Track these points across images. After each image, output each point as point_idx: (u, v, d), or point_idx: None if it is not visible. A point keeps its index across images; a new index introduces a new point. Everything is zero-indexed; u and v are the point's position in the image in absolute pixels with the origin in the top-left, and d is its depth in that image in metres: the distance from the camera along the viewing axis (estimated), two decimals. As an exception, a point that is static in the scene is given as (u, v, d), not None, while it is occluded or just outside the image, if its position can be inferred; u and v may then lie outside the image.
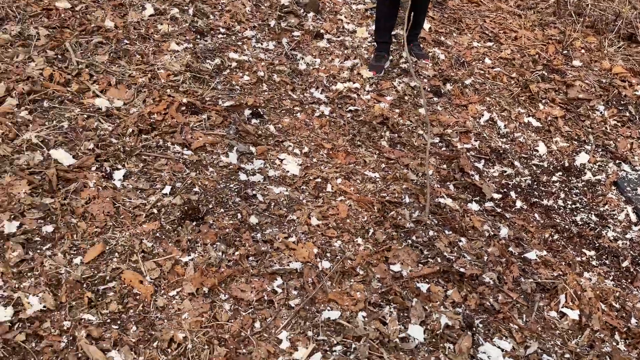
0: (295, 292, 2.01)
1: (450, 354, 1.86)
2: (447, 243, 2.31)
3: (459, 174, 2.82)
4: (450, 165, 2.87)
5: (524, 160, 3.05)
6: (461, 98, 3.53)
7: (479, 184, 2.75)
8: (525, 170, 2.96)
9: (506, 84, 3.74)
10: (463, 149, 3.02)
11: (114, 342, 1.72)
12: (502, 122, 3.35)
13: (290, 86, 3.37)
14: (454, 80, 3.69)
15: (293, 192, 2.51)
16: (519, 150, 3.12)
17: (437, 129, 3.17)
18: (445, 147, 3.05)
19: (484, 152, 3.04)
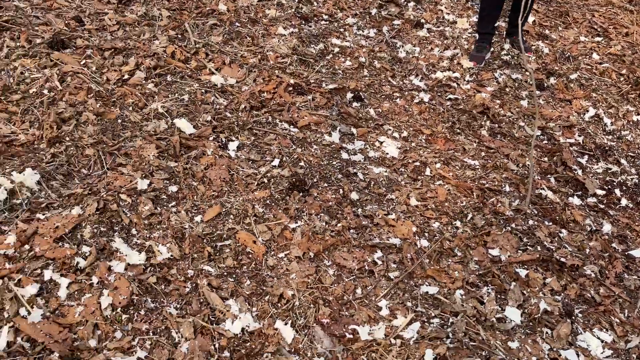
0: (394, 265, 2.11)
1: (548, 338, 1.88)
2: (547, 233, 2.31)
3: (560, 167, 2.78)
4: (552, 159, 2.84)
5: (631, 158, 2.95)
6: (565, 92, 3.45)
7: (581, 178, 2.70)
8: (632, 169, 2.87)
9: (615, 80, 3.61)
10: (566, 144, 2.97)
11: (230, 292, 1.90)
12: (608, 119, 3.25)
13: (390, 72, 3.45)
14: (558, 75, 3.61)
15: (392, 174, 2.60)
16: (626, 149, 3.02)
17: (539, 122, 3.13)
18: (547, 141, 3.01)
19: (588, 147, 2.97)
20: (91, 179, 2.23)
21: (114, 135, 2.48)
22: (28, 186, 2.09)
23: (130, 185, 2.21)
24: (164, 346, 1.69)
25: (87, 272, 1.85)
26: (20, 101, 2.55)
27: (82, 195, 2.13)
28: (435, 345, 1.80)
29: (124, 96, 2.73)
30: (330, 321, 1.85)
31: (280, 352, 1.74)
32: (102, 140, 2.42)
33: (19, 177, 2.09)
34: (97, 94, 2.69)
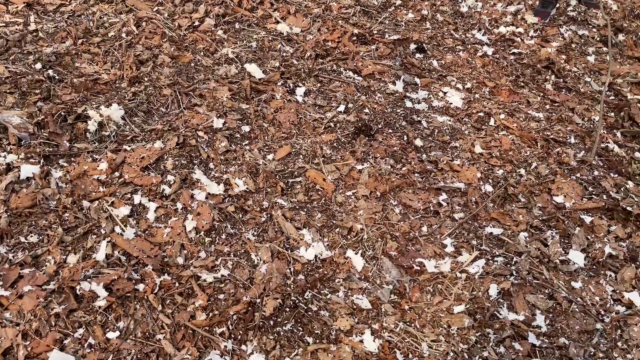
0: (458, 207, 2.17)
1: (612, 281, 1.92)
2: (613, 184, 2.31)
3: (628, 122, 2.74)
4: (619, 114, 2.80)
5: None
6: (634, 50, 3.35)
7: None
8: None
9: (688, 38, 3.47)
10: (634, 100, 2.92)
11: (303, 223, 2.01)
12: (679, 76, 3.15)
13: (453, 26, 3.43)
14: (627, 31, 3.51)
15: (456, 123, 2.63)
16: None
17: (605, 77, 3.07)
18: (615, 97, 2.96)
19: None
20: (169, 116, 2.36)
21: (189, 77, 2.59)
22: (114, 120, 2.24)
23: (207, 123, 2.32)
24: (244, 267, 1.82)
25: (172, 198, 1.99)
26: (100, 43, 2.69)
27: (162, 131, 2.26)
28: (499, 281, 1.87)
29: (196, 42, 2.83)
30: (398, 254, 1.94)
31: (351, 279, 1.85)
32: (177, 81, 2.54)
33: (106, 112, 2.23)
34: (170, 39, 2.80)
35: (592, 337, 1.75)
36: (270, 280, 1.78)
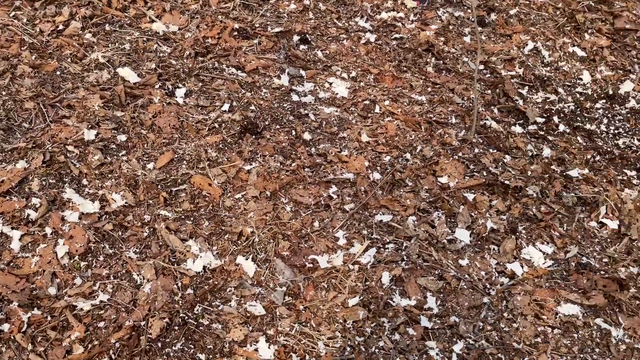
0: (349, 198, 2.16)
1: (495, 254, 2.00)
2: (492, 160, 2.42)
3: (503, 98, 2.88)
4: (495, 91, 2.93)
5: (567, 87, 3.08)
6: (505, 28, 3.53)
7: (522, 108, 2.81)
8: (569, 97, 3.00)
9: (551, 14, 3.71)
10: (507, 76, 3.07)
11: (189, 234, 1.91)
12: (546, 51, 3.36)
13: (336, 15, 3.43)
14: (499, 10, 3.68)
15: (343, 113, 2.63)
16: (563, 79, 3.15)
17: (481, 57, 3.20)
18: (490, 74, 3.09)
19: (528, 79, 3.08)
20: (34, 132, 2.15)
21: (54, 87, 2.38)
22: (-34, 142, 2.00)
23: (77, 136, 2.14)
24: (126, 288, 1.70)
25: (40, 223, 1.81)
26: (-53, 57, 2.40)
27: (25, 149, 2.06)
28: (391, 268, 1.89)
29: (61, 47, 2.60)
30: (290, 253, 1.90)
31: (243, 285, 1.78)
32: (41, 92, 2.32)
33: (-45, 134, 1.99)
34: (31, 46, 2.56)
35: (480, 312, 1.81)
36: (155, 300, 1.67)
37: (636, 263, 2.03)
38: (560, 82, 3.12)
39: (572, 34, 3.55)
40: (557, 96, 3.00)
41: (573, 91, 3.07)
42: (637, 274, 1.98)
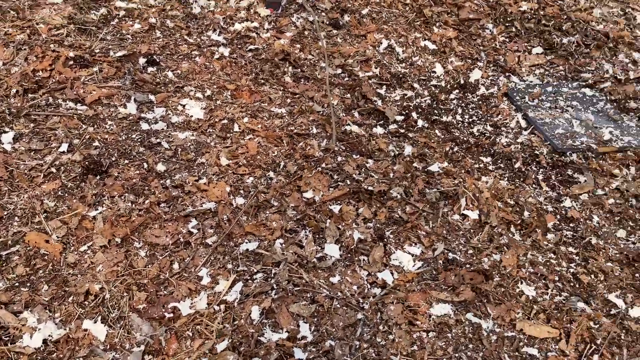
0: (211, 230, 2.01)
1: (365, 264, 1.96)
2: (355, 166, 2.39)
3: (362, 101, 2.88)
4: (354, 94, 2.93)
5: (423, 82, 3.16)
6: (360, 28, 3.55)
7: (381, 108, 2.82)
8: (425, 91, 3.08)
9: (402, 10, 3.81)
10: (365, 77, 3.08)
11: (25, 304, 1.66)
12: (400, 48, 3.42)
13: (186, 31, 3.25)
14: (352, 11, 3.70)
15: (200, 136, 2.47)
16: (418, 73, 3.23)
17: (338, 60, 3.19)
18: (348, 77, 3.09)
19: (385, 78, 3.12)
20: None
21: None
22: None
23: None
24: (-55, 388, 1.43)
25: None
26: None
27: None
28: (260, 301, 1.77)
29: None
30: (148, 305, 1.72)
31: (95, 353, 1.58)
32: None
33: None
34: None
35: (355, 330, 1.75)
36: (-17, 394, 1.42)
37: (498, 250, 2.09)
38: (415, 78, 3.19)
39: (422, 29, 3.66)
40: (413, 92, 3.05)
41: (428, 85, 3.15)
42: (500, 260, 2.04)
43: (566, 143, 2.66)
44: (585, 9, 3.98)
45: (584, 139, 2.69)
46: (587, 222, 2.26)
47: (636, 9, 4.20)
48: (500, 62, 3.40)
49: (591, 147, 2.63)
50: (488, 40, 3.60)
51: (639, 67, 3.38)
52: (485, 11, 3.86)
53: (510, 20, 3.78)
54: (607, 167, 2.54)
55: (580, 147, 2.64)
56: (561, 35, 3.65)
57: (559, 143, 2.66)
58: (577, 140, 2.68)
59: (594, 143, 2.66)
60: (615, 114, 2.91)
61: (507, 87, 3.12)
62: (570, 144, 2.65)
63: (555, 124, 2.81)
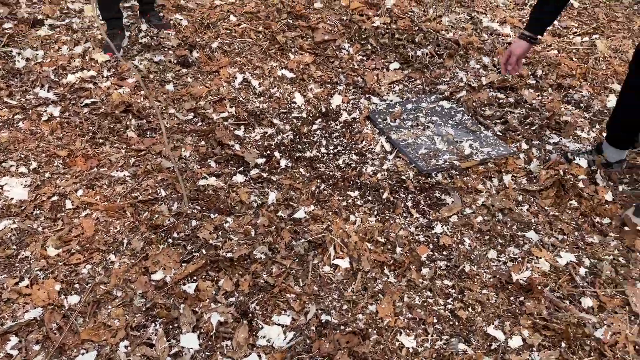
0: (37, 347, 1.65)
1: (229, 351, 1.71)
2: (213, 229, 2.13)
3: (218, 147, 2.62)
4: (209, 141, 2.66)
5: (283, 115, 2.97)
6: (211, 64, 3.30)
7: (240, 153, 2.59)
8: (286, 125, 2.89)
9: (255, 39, 3.61)
10: (219, 120, 2.83)
11: None
12: (256, 80, 3.22)
13: (6, 91, 2.80)
14: (201, 46, 3.44)
15: (23, 222, 2.07)
16: (277, 107, 3.03)
17: (189, 104, 2.91)
18: (202, 122, 2.82)
19: (242, 117, 2.89)
20: None
21: None
22: None
23: None
24: None
25: None
26: None
27: None
28: None
29: None
30: None
31: None
32: None
33: None
34: None
35: None
36: None
37: (373, 299, 1.93)
38: (275, 112, 2.99)
39: (278, 57, 3.49)
40: (274, 128, 2.86)
41: (289, 118, 2.97)
42: (376, 312, 1.88)
43: (430, 163, 2.59)
44: (434, 19, 4.03)
45: (446, 157, 2.64)
46: (459, 247, 2.18)
47: (481, 12, 4.35)
48: (359, 84, 3.31)
49: (454, 165, 2.58)
50: (346, 61, 3.51)
51: (489, 72, 3.45)
52: (339, 30, 3.78)
53: (365, 37, 3.73)
54: (471, 183, 2.50)
55: (444, 165, 2.58)
56: (415, 48, 3.65)
57: (423, 165, 2.58)
58: (441, 159, 2.62)
59: (456, 159, 2.62)
60: (473, 124, 2.90)
61: (369, 110, 3.02)
62: (434, 164, 2.59)
63: (418, 143, 2.75)
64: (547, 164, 2.54)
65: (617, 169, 2.54)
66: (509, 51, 2.41)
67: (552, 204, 2.39)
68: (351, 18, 3.91)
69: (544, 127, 2.91)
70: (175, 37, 3.49)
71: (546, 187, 2.42)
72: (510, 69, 2.45)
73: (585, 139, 2.87)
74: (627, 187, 2.49)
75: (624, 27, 4.33)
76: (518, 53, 2.39)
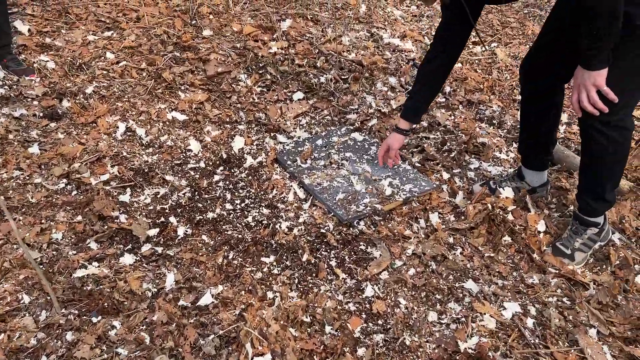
0: None
1: None
2: (95, 341, 1.66)
3: (98, 222, 2.15)
4: (86, 215, 2.18)
5: (177, 168, 2.54)
6: (86, 114, 2.78)
7: (127, 225, 2.13)
8: (182, 180, 2.46)
9: (137, 79, 3.13)
10: (99, 185, 2.34)
11: None
12: (142, 128, 2.75)
13: None
14: (72, 93, 2.91)
15: None
16: (170, 158, 2.59)
17: (60, 168, 2.40)
18: (77, 190, 2.32)
19: (127, 177, 2.42)
20: None
21: None
22: None
23: None
24: None
25: None
26: None
27: None
28: None
29: None
30: None
31: None
32: None
33: None
34: None
35: None
36: None
37: (306, 403, 1.57)
38: (167, 165, 2.55)
39: (166, 96, 3.04)
40: (167, 186, 2.42)
41: (185, 170, 2.54)
42: (311, 422, 1.52)
43: (350, 211, 2.28)
44: (334, 39, 3.76)
45: (367, 200, 2.35)
46: (394, 312, 1.88)
47: (380, 27, 4.15)
48: (262, 120, 2.95)
49: (376, 209, 2.30)
50: (244, 95, 3.13)
51: (398, 94, 3.23)
52: (234, 60, 3.39)
53: (263, 65, 3.37)
54: (397, 229, 2.23)
55: (365, 212, 2.28)
56: (318, 74, 3.35)
57: (343, 213, 2.27)
58: (361, 204, 2.32)
59: (377, 202, 2.33)
60: (389, 157, 2.64)
61: (276, 151, 2.67)
62: (355, 211, 2.28)
63: (334, 187, 2.43)
64: (472, 198, 2.32)
65: (542, 193, 2.38)
66: (387, 145, 2.42)
67: (485, 242, 2.16)
68: (245, 45, 3.54)
69: (462, 153, 2.71)
70: (41, 84, 2.94)
71: (476, 224, 2.19)
72: (390, 162, 2.49)
73: (505, 161, 2.71)
74: (556, 214, 2.33)
75: (518, 32, 4.33)
76: (396, 147, 2.41)
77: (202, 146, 2.71)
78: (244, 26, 3.74)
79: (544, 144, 2.23)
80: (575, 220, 2.08)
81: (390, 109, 3.06)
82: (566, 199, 2.39)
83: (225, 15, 3.90)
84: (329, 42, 3.71)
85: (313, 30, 3.87)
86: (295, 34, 3.76)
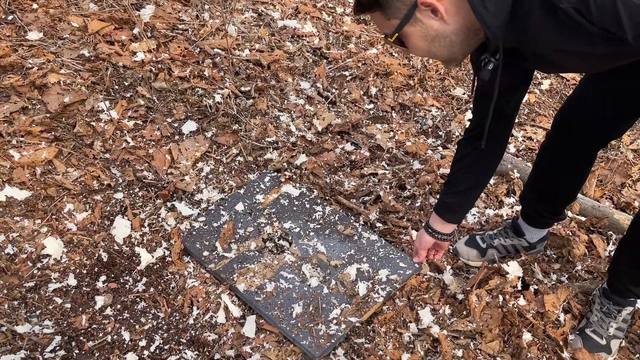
0: None
1: None
2: None
3: None
4: None
5: (32, 298, 1.54)
6: None
7: None
8: (45, 322, 1.48)
9: None
10: None
11: None
12: (-45, 235, 1.64)
13: None
14: None
15: None
16: (18, 281, 1.57)
17: None
18: None
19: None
20: None
21: None
22: None
23: None
24: None
25: None
26: None
27: None
28: None
29: None
30: None
31: None
32: None
33: None
34: None
35: None
36: None
37: None
38: (17, 293, 1.53)
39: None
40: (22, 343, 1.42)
41: (45, 296, 1.57)
42: None
43: (319, 338, 1.53)
44: (217, 30, 2.75)
45: (336, 310, 1.59)
46: None
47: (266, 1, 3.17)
48: (147, 178, 1.97)
49: (353, 325, 1.56)
50: (111, 137, 2.10)
51: (318, 106, 2.41)
52: (85, 81, 2.30)
53: (130, 84, 2.32)
54: (385, 351, 1.54)
55: (339, 333, 1.54)
56: (209, 89, 2.38)
57: (309, 344, 1.51)
58: (330, 319, 1.57)
59: (351, 312, 1.59)
60: (341, 220, 1.88)
61: (181, 234, 1.77)
62: (325, 335, 1.53)
63: (283, 291, 1.64)
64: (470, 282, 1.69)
65: (540, 249, 1.83)
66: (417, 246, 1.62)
67: (502, 348, 1.57)
68: (97, 52, 2.39)
69: (427, 196, 2.04)
70: None
71: (486, 324, 1.58)
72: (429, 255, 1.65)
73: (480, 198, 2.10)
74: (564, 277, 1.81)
75: None
76: (425, 248, 1.60)
77: (64, 243, 1.70)
78: (89, 20, 2.54)
79: (560, 201, 1.65)
80: (605, 298, 1.57)
81: (316, 131, 2.26)
82: (570, 254, 1.86)
83: (57, 3, 2.64)
84: (212, 35, 2.69)
85: (185, 17, 2.79)
86: (163, 25, 2.67)
